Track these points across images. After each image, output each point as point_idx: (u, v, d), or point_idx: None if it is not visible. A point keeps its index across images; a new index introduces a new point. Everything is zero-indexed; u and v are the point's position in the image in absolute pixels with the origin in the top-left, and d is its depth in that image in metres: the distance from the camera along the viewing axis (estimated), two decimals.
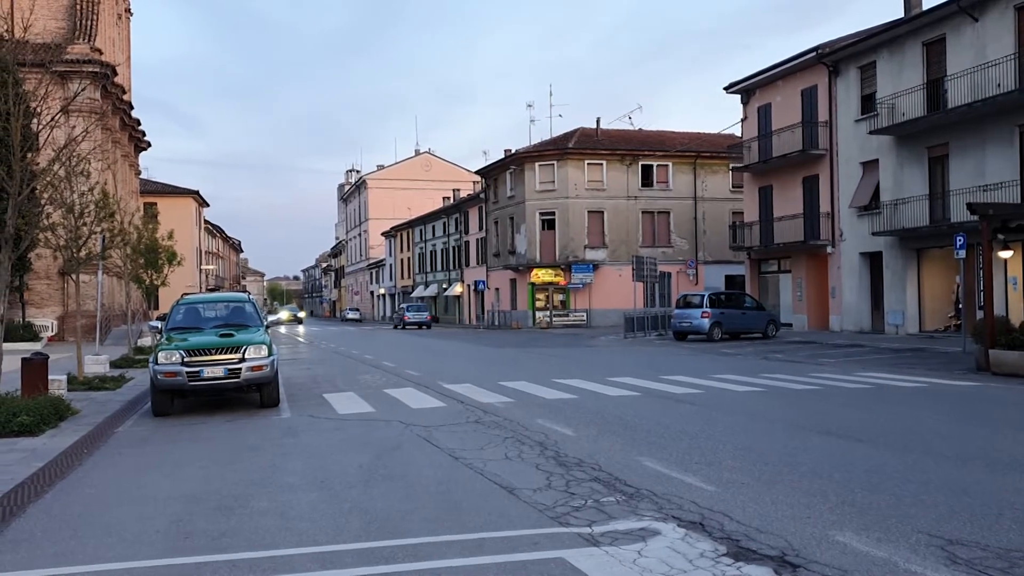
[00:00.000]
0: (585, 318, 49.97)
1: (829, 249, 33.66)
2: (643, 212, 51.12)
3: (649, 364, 21.41)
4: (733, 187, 49.63)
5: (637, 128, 56.88)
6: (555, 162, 50.48)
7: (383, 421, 11.97)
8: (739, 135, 40.72)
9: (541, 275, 50.88)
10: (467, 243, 64.56)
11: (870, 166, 31.63)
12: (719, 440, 9.88)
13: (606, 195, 50.42)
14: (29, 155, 12.84)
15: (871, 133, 30.64)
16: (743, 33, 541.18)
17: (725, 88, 39.26)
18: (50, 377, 14.08)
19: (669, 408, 12.81)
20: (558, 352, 27.57)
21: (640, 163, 51.07)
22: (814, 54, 33.45)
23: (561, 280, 50.52)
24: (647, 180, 51.30)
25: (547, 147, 52.50)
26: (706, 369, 19.31)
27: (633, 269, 37.19)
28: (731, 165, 46.75)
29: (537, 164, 51.00)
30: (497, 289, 57.15)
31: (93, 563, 5.70)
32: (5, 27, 24.71)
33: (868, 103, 31.59)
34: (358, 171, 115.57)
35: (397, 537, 6.13)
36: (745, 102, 38.83)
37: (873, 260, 31.81)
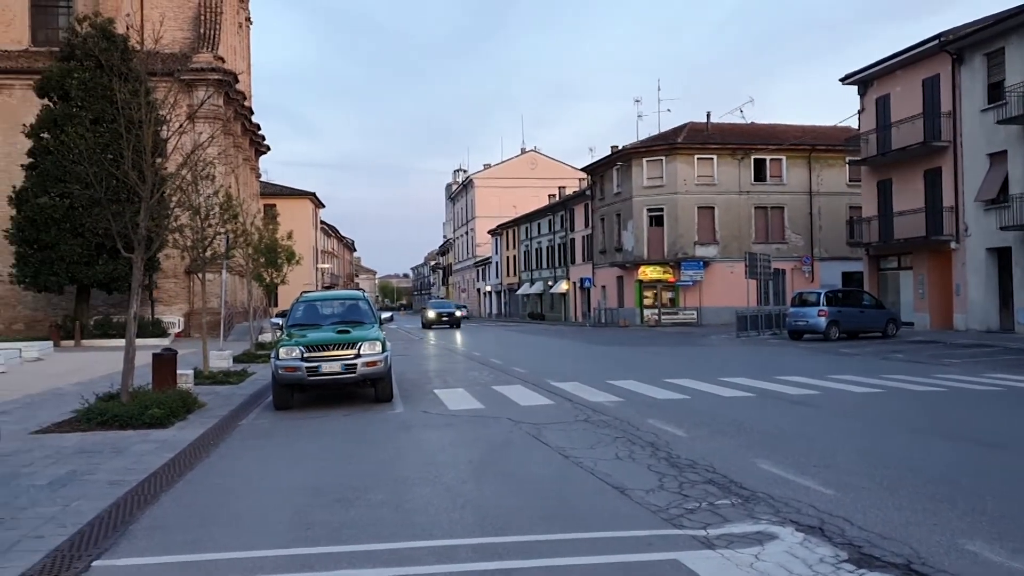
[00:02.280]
0: (695, 316, 49.20)
1: (953, 245, 32.11)
2: (756, 207, 49.95)
3: (763, 364, 20.92)
4: (850, 181, 47.93)
5: (749, 122, 55.63)
6: (663, 157, 49.85)
7: (493, 418, 12.08)
8: (856, 127, 39.28)
9: (649, 272, 50.34)
10: (573, 240, 64.47)
11: (997, 158, 30.02)
12: (837, 443, 9.59)
13: (717, 190, 49.49)
14: (159, 160, 13.51)
15: (999, 123, 29.09)
16: (858, 21, 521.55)
17: (841, 79, 37.96)
18: (178, 372, 14.83)
19: (784, 409, 12.49)
20: (667, 351, 27.24)
21: (752, 157, 49.90)
22: (936, 42, 31.96)
23: (670, 277, 49.87)
24: (760, 175, 50.09)
25: (655, 142, 51.90)
26: (823, 369, 18.73)
27: (746, 266, 36.40)
28: (848, 158, 45.10)
29: (645, 160, 50.48)
30: (604, 287, 56.87)
31: (222, 551, 5.96)
32: (136, 39, 26.04)
33: (995, 92, 29.99)
34: (465, 170, 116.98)
35: (510, 533, 6.19)
36: (862, 93, 37.45)
37: (1001, 256, 30.18)
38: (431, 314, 54.73)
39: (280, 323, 17.45)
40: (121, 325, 34.89)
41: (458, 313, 55.60)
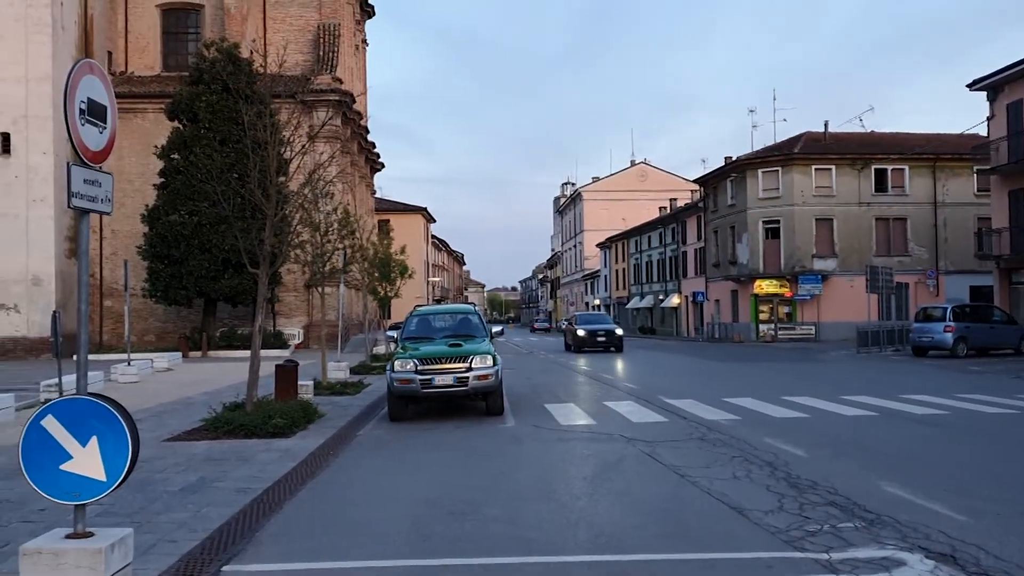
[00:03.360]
0: (813, 331, 47.70)
1: None
2: (876, 219, 48.13)
3: (886, 381, 20.10)
4: (978, 191, 45.61)
5: (869, 131, 53.71)
6: (779, 168, 48.65)
7: (605, 434, 12.01)
8: (985, 135, 37.39)
9: (764, 286, 49.14)
10: (684, 253, 63.57)
11: None
12: (968, 466, 9.12)
13: (835, 201, 47.93)
14: (281, 179, 14.04)
15: None
16: (984, 26, 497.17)
17: (968, 85, 36.23)
18: (299, 382, 15.33)
19: (910, 430, 11.96)
20: (785, 367, 26.49)
21: (873, 167, 48.14)
22: None
23: (786, 291, 48.54)
24: (881, 185, 48.27)
25: (771, 153, 50.71)
26: (950, 388, 17.86)
27: (866, 279, 35.09)
28: (976, 167, 42.98)
29: (760, 171, 49.38)
30: (717, 300, 55.82)
31: (343, 560, 6.12)
32: (260, 63, 27.03)
33: None
34: (573, 184, 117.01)
35: (625, 552, 6.13)
36: (992, 99, 35.64)
37: None
38: (582, 332, 38.00)
39: (394, 336, 17.83)
40: (245, 336, 36.36)
41: (619, 331, 38.77)
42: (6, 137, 37.04)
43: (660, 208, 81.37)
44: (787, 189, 48.20)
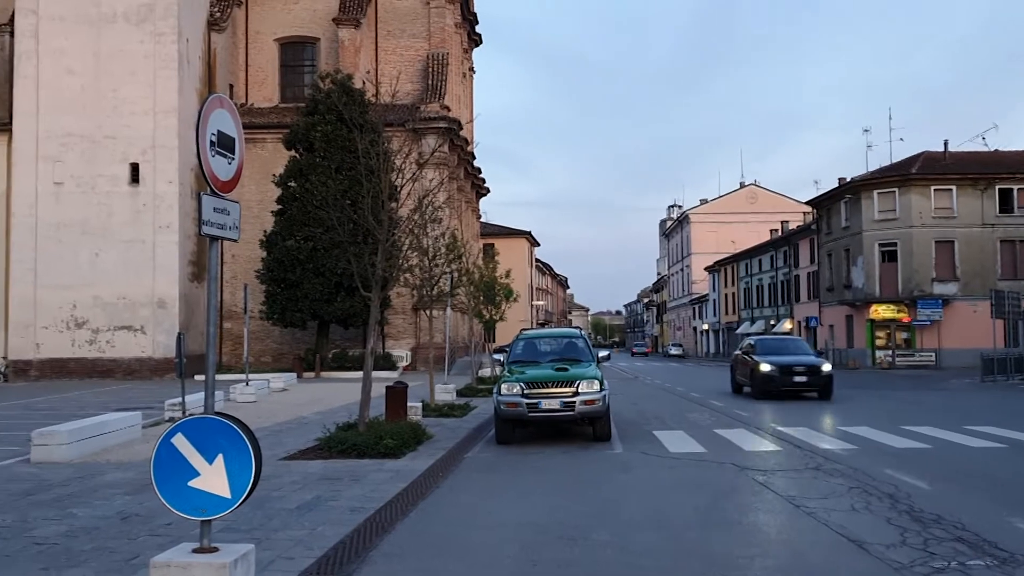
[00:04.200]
0: (933, 358, 45.65)
1: None
2: (1001, 241, 45.84)
3: (1014, 412, 19.03)
4: None
5: (992, 149, 51.37)
6: (896, 189, 46.96)
7: (716, 463, 11.75)
8: None
9: (881, 311, 47.37)
10: (797, 277, 61.91)
11: None
12: None
13: (956, 223, 45.92)
14: (392, 205, 14.39)
15: None
16: None
17: None
18: (408, 404, 15.58)
19: None
20: (904, 395, 25.41)
21: (997, 187, 45.96)
22: None
23: (904, 316, 46.65)
24: (1006, 206, 46.00)
25: (887, 173, 49.03)
26: None
27: (991, 304, 33.41)
28: None
29: (876, 192, 47.77)
30: (831, 326, 54.09)
31: None
32: (372, 93, 27.85)
33: None
34: (680, 206, 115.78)
35: None
36: None
37: None
38: (767, 368, 23.57)
39: (501, 359, 17.97)
40: (356, 358, 37.27)
41: (826, 367, 24.15)
42: (135, 167, 39.17)
43: (771, 230, 79.62)
44: (904, 210, 46.46)
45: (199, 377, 32.49)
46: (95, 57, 38.95)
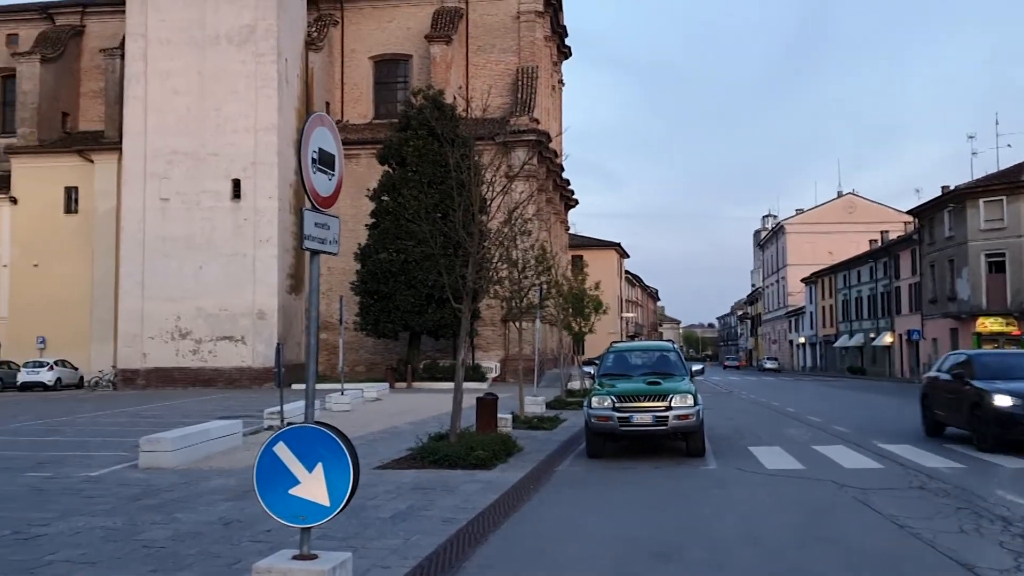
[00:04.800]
0: None
1: None
2: None
3: None
4: None
5: None
6: (1004, 197, 44.93)
7: (814, 480, 11.43)
8: None
9: (988, 324, 45.30)
10: (898, 289, 59.82)
11: None
12: None
13: None
14: (483, 217, 14.52)
15: None
16: None
17: None
18: (498, 415, 15.65)
19: None
20: None
21: None
22: None
23: (1014, 330, 44.51)
24: None
25: (993, 181, 46.97)
26: None
27: None
28: None
29: (982, 200, 45.82)
30: (934, 339, 52.02)
31: None
32: (463, 108, 28.20)
33: None
34: (775, 216, 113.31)
35: None
36: None
37: None
38: (1006, 402, 13.76)
39: (591, 371, 17.90)
40: (446, 369, 37.67)
41: None
42: (237, 183, 40.56)
43: (870, 241, 77.19)
44: (1013, 219, 44.41)
45: (296, 386, 33.40)
46: (199, 77, 40.57)
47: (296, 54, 44.30)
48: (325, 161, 6.08)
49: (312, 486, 5.38)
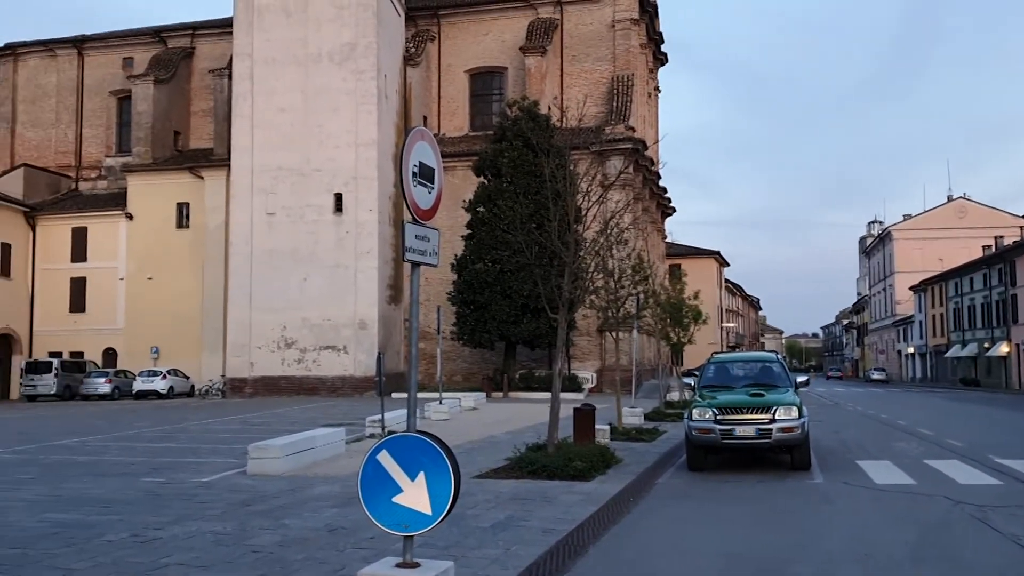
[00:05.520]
0: None
1: None
2: None
3: None
4: None
5: None
6: None
7: (926, 495, 10.96)
8: None
9: None
10: (1014, 296, 56.95)
11: None
12: None
13: None
14: (578, 227, 14.49)
15: None
16: None
17: None
18: (596, 426, 15.56)
19: None
20: None
21: None
22: None
23: None
24: None
25: None
26: None
27: None
28: None
29: None
30: None
31: None
32: (557, 118, 28.16)
33: None
34: (881, 222, 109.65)
35: None
36: None
37: None
38: None
39: (690, 383, 17.64)
40: (541, 379, 37.71)
41: None
42: (339, 197, 41.62)
43: (983, 247, 73.88)
44: None
45: (396, 395, 33.96)
46: (303, 95, 41.85)
47: (395, 70, 45.23)
48: (425, 174, 6.18)
49: (415, 494, 5.45)
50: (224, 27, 48.82)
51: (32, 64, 55.82)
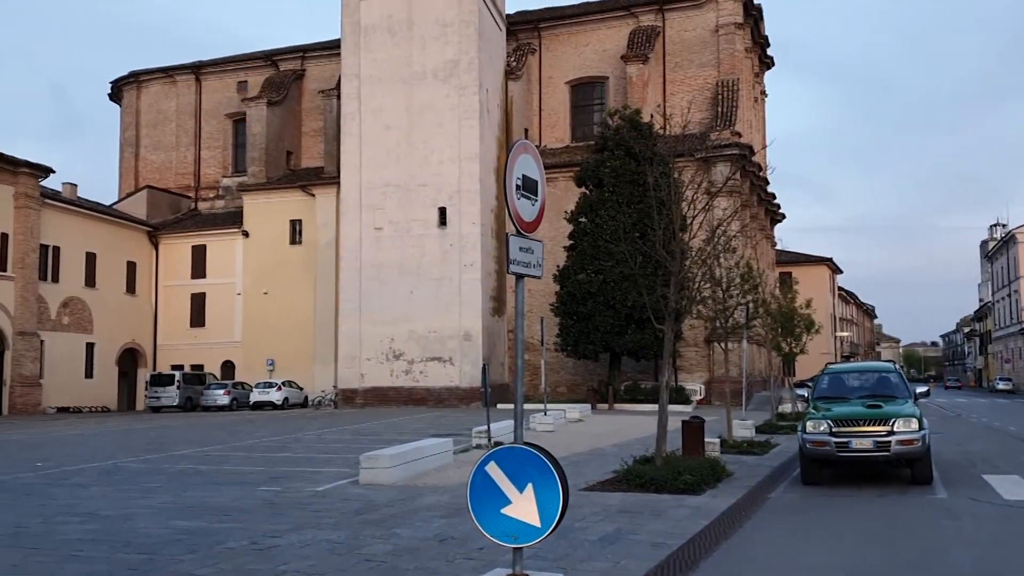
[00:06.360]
0: None
1: None
2: None
3: None
4: None
5: None
6: None
7: None
8: None
9: None
10: None
11: None
12: None
13: None
14: (683, 236, 14.28)
15: None
16: None
17: None
18: (705, 439, 15.26)
19: None
20: None
21: None
22: None
23: None
24: None
25: None
26: None
27: None
28: None
29: None
30: None
31: None
32: (660, 126, 27.86)
33: None
34: (1004, 225, 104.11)
35: None
36: None
37: None
38: None
39: (803, 394, 17.12)
40: (648, 391, 37.30)
41: None
42: (443, 211, 42.26)
43: None
44: None
45: (501, 406, 34.18)
46: (407, 113, 42.73)
47: (496, 84, 45.70)
48: (528, 187, 6.21)
49: (523, 506, 5.46)
50: (332, 49, 50.33)
51: (153, 90, 58.82)
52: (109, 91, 61.39)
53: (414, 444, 15.06)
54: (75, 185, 47.68)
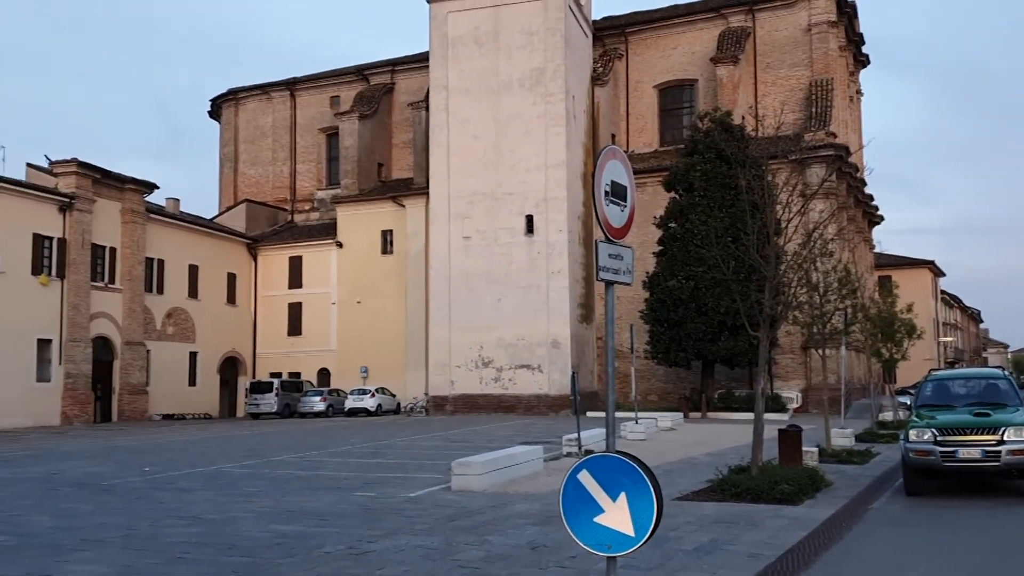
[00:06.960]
0: None
1: None
2: None
3: None
4: None
5: None
6: None
7: None
8: None
9: None
10: None
11: None
12: None
13: None
14: (778, 240, 13.96)
15: None
16: None
17: None
18: (803, 448, 14.86)
19: None
20: None
21: None
22: None
23: None
24: None
25: None
26: None
27: None
28: None
29: None
30: None
31: None
32: (752, 128, 27.38)
33: None
34: None
35: None
36: None
37: None
38: None
39: (905, 401, 16.54)
40: (742, 399, 36.56)
41: None
42: (530, 219, 42.37)
43: None
44: None
45: (590, 413, 34.00)
46: (494, 122, 43.03)
47: (583, 90, 45.63)
48: (617, 193, 6.17)
49: (617, 515, 5.40)
50: (421, 62, 51.07)
51: (251, 107, 60.76)
52: (209, 108, 63.68)
53: (505, 451, 15.12)
54: (177, 200, 49.56)
